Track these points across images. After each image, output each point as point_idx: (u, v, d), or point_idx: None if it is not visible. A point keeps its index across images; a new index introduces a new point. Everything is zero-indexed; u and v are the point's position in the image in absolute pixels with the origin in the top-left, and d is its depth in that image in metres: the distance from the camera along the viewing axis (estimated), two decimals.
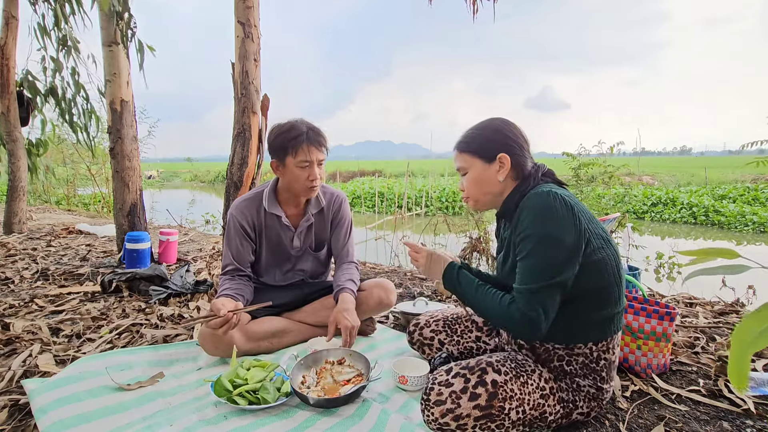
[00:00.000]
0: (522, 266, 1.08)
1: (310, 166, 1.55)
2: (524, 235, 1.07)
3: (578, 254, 1.05)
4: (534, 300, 1.04)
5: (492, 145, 1.19)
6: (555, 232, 1.03)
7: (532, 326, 1.04)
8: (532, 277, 1.05)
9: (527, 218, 1.07)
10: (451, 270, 1.25)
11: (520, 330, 1.08)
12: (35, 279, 2.62)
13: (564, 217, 1.04)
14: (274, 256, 1.74)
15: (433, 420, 1.05)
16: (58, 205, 8.21)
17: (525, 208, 1.09)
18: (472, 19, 3.42)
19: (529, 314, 1.04)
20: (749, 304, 2.48)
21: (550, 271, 1.03)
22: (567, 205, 1.05)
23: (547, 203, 1.05)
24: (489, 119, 1.25)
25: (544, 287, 1.03)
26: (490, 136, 1.20)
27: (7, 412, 1.22)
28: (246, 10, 2.35)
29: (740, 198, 11.38)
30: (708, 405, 1.29)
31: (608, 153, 4.68)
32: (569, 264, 1.04)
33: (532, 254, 1.05)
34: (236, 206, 1.67)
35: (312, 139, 1.54)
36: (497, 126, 1.22)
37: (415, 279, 2.87)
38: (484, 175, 1.20)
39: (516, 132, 1.21)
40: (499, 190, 1.21)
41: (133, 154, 3.19)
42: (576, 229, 1.04)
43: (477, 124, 1.26)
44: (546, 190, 1.08)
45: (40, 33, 3.95)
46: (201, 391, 1.35)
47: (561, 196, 1.06)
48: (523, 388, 1.08)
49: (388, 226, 7.08)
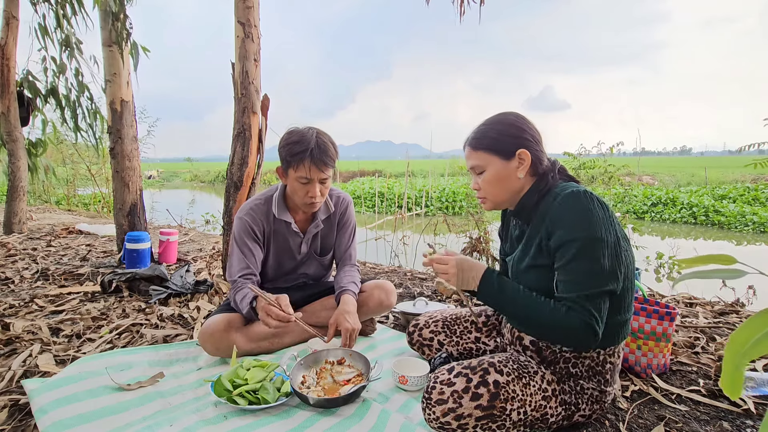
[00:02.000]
0: (569, 272, 1.03)
1: (310, 184, 1.51)
2: (565, 239, 1.02)
3: (620, 255, 1.02)
4: (590, 306, 1.00)
5: (509, 140, 1.13)
6: (599, 234, 0.99)
7: (593, 334, 1.00)
8: (584, 283, 1.00)
9: (566, 221, 1.02)
10: (491, 277, 1.15)
11: (580, 339, 1.02)
12: (35, 279, 2.62)
13: (604, 218, 1.01)
14: (279, 262, 1.72)
15: (434, 419, 1.04)
16: (58, 205, 8.21)
17: (559, 210, 1.04)
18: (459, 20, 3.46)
19: (588, 321, 0.99)
20: (749, 304, 2.48)
21: (600, 275, 1.00)
22: (603, 205, 1.03)
23: (585, 205, 1.01)
24: (501, 113, 1.19)
25: (598, 293, 1.00)
26: (506, 131, 1.15)
27: (7, 412, 1.22)
28: (246, 10, 2.35)
29: (740, 198, 11.38)
30: (708, 405, 1.29)
31: (608, 153, 4.69)
32: (615, 267, 1.01)
33: (579, 259, 1.00)
34: (246, 211, 1.63)
35: (315, 157, 1.46)
36: (512, 120, 1.16)
37: (415, 279, 2.87)
38: (504, 173, 1.14)
39: (531, 126, 1.16)
40: (519, 187, 1.16)
41: (133, 154, 3.19)
42: (614, 229, 1.02)
43: (489, 119, 1.19)
44: (580, 190, 1.04)
45: (40, 33, 3.95)
46: (201, 391, 1.35)
47: (595, 196, 1.03)
48: (525, 389, 1.08)
49: (388, 226, 7.08)
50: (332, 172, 1.55)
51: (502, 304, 1.14)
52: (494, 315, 1.48)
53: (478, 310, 1.51)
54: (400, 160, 58.23)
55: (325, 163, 1.49)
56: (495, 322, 1.47)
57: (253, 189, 2.45)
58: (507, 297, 1.12)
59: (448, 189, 12.40)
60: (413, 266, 4.09)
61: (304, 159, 1.46)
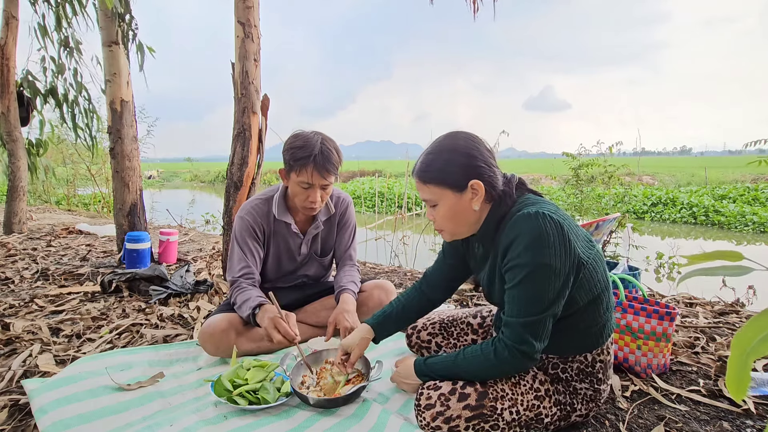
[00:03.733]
0: (512, 296, 1.01)
1: (311, 189, 1.51)
2: (514, 264, 0.99)
3: (570, 281, 0.99)
4: (525, 332, 0.99)
5: (459, 171, 1.05)
6: (548, 261, 0.95)
7: (525, 358, 1.00)
8: (523, 308, 0.99)
9: (518, 245, 0.98)
10: (421, 368, 1.17)
11: (516, 366, 1.03)
12: (35, 279, 2.62)
13: (557, 243, 0.96)
14: (279, 262, 1.72)
15: (426, 424, 1.05)
16: (58, 205, 8.21)
17: (513, 232, 1.00)
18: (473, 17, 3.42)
19: (519, 348, 0.99)
20: (749, 304, 2.48)
21: (543, 302, 0.97)
22: (558, 227, 0.97)
23: (538, 229, 0.96)
24: (448, 137, 1.10)
25: (537, 320, 0.98)
26: (455, 160, 1.06)
27: (7, 412, 1.22)
28: (246, 10, 2.35)
29: (740, 198, 11.38)
30: (708, 405, 1.29)
31: (608, 153, 4.69)
32: (562, 293, 0.99)
33: (524, 284, 0.98)
34: (247, 210, 1.63)
35: (318, 164, 1.46)
36: (460, 146, 1.07)
37: (415, 279, 2.87)
38: (458, 206, 1.08)
39: (481, 149, 1.08)
40: (476, 218, 1.10)
41: (133, 154, 3.19)
42: (569, 255, 0.97)
43: (436, 145, 1.10)
44: (534, 212, 0.98)
45: (40, 33, 3.95)
46: (201, 391, 1.35)
47: (551, 218, 0.97)
48: (515, 388, 1.08)
49: (388, 226, 7.08)
50: (334, 178, 1.55)
51: (444, 376, 1.12)
52: (489, 316, 1.48)
53: (474, 311, 1.52)
54: (400, 160, 58.30)
55: (328, 170, 1.49)
56: (490, 323, 1.47)
57: (253, 189, 2.45)
58: (443, 373, 1.12)
59: None
60: (413, 266, 4.09)
61: (306, 164, 1.46)
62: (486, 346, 1.06)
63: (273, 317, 1.40)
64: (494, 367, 1.04)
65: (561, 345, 1.09)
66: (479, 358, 1.06)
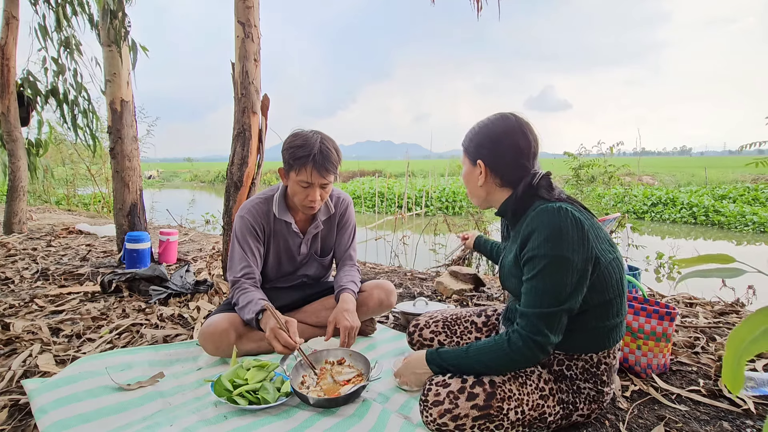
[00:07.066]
0: (529, 288, 1.03)
1: (311, 188, 1.51)
2: (533, 255, 1.02)
3: (587, 276, 1.01)
4: (541, 323, 1.00)
5: (474, 148, 1.17)
6: (566, 254, 0.98)
7: (538, 349, 1.01)
8: (540, 300, 1.01)
9: (537, 237, 1.01)
10: (433, 358, 1.16)
11: (527, 356, 1.03)
12: (35, 279, 2.62)
13: (576, 238, 0.99)
14: (279, 262, 1.72)
15: (432, 420, 1.05)
16: (58, 205, 8.20)
17: (534, 224, 1.03)
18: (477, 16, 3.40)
19: (534, 338, 1.01)
20: (749, 304, 2.48)
21: (560, 295, 0.99)
22: (578, 223, 1.00)
23: (558, 223, 1.00)
24: (496, 117, 1.17)
25: (553, 312, 1.00)
26: (481, 139, 1.16)
27: (7, 412, 1.22)
28: (246, 10, 2.35)
29: (740, 198, 11.39)
30: (708, 405, 1.29)
31: (608, 153, 4.69)
32: (579, 289, 1.01)
33: (541, 276, 1.01)
34: (248, 209, 1.63)
35: (318, 163, 1.46)
36: (489, 127, 1.16)
37: (415, 279, 2.87)
38: (470, 176, 1.21)
39: (514, 140, 1.12)
40: (483, 193, 1.19)
41: (133, 154, 3.19)
42: (586, 250, 1.00)
43: (482, 121, 1.20)
44: (557, 207, 1.02)
45: (40, 33, 3.95)
46: (201, 391, 1.35)
47: (572, 214, 1.01)
48: (522, 388, 1.08)
49: (388, 226, 7.08)
50: (334, 177, 1.55)
51: (455, 369, 1.12)
52: (494, 315, 1.48)
53: (478, 310, 1.52)
54: (400, 160, 58.17)
55: (327, 170, 1.49)
56: (495, 322, 1.47)
57: (253, 189, 2.45)
58: (456, 363, 1.12)
59: (448, 189, 12.41)
60: (413, 266, 4.09)
61: (306, 164, 1.47)
62: (499, 336, 1.07)
63: (273, 327, 1.40)
64: (506, 356, 1.04)
65: (568, 342, 1.10)
66: (492, 348, 1.07)
